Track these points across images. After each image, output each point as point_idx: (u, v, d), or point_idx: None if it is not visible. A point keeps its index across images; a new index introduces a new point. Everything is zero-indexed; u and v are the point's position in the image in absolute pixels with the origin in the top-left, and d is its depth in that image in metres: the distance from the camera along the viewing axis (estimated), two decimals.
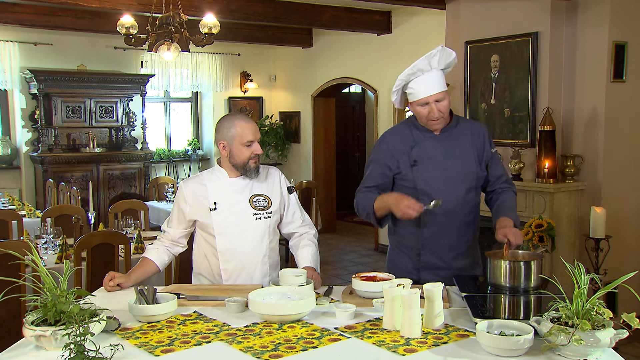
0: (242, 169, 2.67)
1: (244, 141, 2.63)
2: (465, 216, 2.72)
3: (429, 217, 2.70)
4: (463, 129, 2.76)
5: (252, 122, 2.69)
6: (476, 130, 2.77)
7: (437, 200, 2.56)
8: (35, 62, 8.20)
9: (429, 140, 2.72)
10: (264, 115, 10.19)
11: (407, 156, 2.72)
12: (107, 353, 1.71)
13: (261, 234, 2.71)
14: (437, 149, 2.70)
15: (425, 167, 2.69)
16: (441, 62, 2.66)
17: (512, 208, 2.72)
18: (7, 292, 2.03)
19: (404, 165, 2.72)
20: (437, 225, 2.70)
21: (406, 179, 2.73)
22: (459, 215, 2.70)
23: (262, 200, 2.72)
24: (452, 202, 2.67)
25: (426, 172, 2.69)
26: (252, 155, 2.65)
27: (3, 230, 4.89)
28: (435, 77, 2.63)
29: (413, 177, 2.70)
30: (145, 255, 2.75)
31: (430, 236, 2.72)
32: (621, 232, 4.83)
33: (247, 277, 2.71)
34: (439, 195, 2.64)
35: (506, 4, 5.28)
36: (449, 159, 2.69)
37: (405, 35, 7.54)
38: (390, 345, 1.91)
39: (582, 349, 1.72)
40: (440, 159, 2.69)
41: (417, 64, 2.63)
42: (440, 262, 2.72)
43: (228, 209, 2.67)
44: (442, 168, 2.69)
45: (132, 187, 8.67)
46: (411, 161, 2.70)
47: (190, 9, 5.97)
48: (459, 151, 2.71)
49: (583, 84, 4.90)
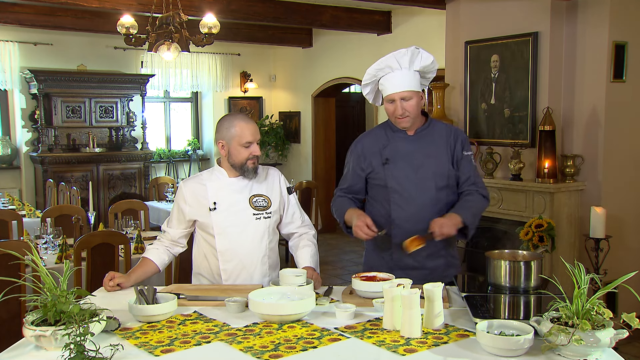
0: (240, 169, 2.67)
1: (243, 142, 2.63)
2: (437, 214, 2.69)
3: (398, 214, 2.71)
4: (438, 130, 2.78)
5: (252, 123, 2.69)
6: (451, 132, 2.79)
7: (383, 230, 2.63)
8: (35, 62, 8.20)
9: (401, 140, 2.75)
10: (264, 115, 10.19)
11: (379, 155, 2.76)
12: (107, 353, 1.71)
13: (261, 234, 2.71)
14: (409, 149, 2.73)
15: (397, 166, 2.72)
16: (414, 63, 2.66)
17: (467, 207, 2.69)
18: (7, 292, 2.03)
19: (376, 163, 2.76)
20: (408, 223, 2.71)
21: (378, 177, 2.77)
22: (429, 214, 2.68)
23: (262, 200, 2.72)
24: (424, 199, 2.69)
25: (397, 170, 2.71)
26: (251, 156, 2.65)
27: (3, 230, 4.89)
28: (405, 76, 2.65)
29: (384, 175, 2.74)
30: (145, 255, 2.75)
31: (400, 234, 2.71)
32: (621, 232, 4.83)
33: (246, 277, 2.71)
34: (410, 193, 2.69)
35: (506, 4, 5.28)
36: (421, 158, 2.71)
37: (405, 35, 7.54)
38: (390, 345, 1.91)
39: (582, 349, 1.72)
40: (412, 158, 2.72)
41: (384, 60, 2.66)
42: (413, 262, 2.72)
43: (228, 209, 2.68)
44: (413, 166, 2.71)
45: (132, 187, 8.68)
46: (383, 159, 2.74)
47: (190, 9, 5.98)
48: (433, 151, 2.73)
49: (583, 84, 4.89)
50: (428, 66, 2.69)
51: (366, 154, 2.79)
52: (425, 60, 2.67)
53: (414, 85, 2.66)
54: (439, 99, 5.76)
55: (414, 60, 2.66)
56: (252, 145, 2.65)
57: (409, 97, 2.65)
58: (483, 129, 5.48)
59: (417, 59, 2.66)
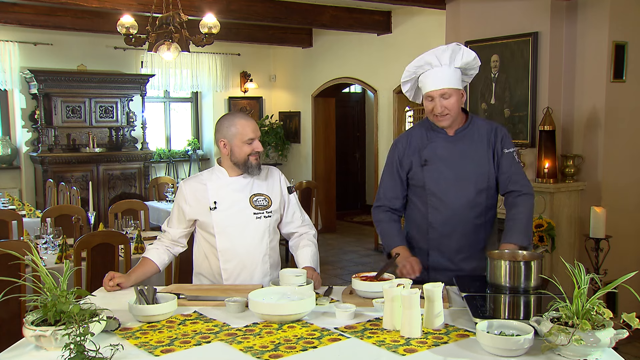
0: (244, 166, 2.67)
1: (245, 139, 2.64)
2: (476, 218, 2.69)
3: (435, 218, 2.69)
4: (478, 129, 2.72)
5: (252, 120, 2.70)
6: (492, 130, 2.73)
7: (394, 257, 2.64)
8: (35, 62, 8.20)
9: (441, 141, 2.71)
10: (264, 115, 10.19)
11: (418, 156, 2.72)
12: (107, 353, 1.71)
13: (261, 233, 2.71)
14: (448, 150, 2.69)
15: (436, 167, 2.68)
16: (455, 60, 2.63)
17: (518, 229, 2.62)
18: (7, 292, 2.03)
19: (415, 164, 2.73)
20: (444, 226, 2.70)
21: (416, 178, 2.73)
22: (467, 216, 2.68)
23: (262, 199, 2.72)
24: (461, 203, 2.66)
25: (436, 172, 2.68)
26: (253, 152, 2.66)
27: (3, 230, 4.89)
28: (445, 73, 2.61)
29: (423, 176, 2.71)
30: (145, 255, 2.75)
31: (437, 237, 2.72)
32: (621, 232, 4.82)
33: (247, 277, 2.71)
34: (447, 196, 2.66)
35: (506, 4, 5.28)
36: (461, 160, 2.67)
37: (405, 35, 7.54)
38: (390, 345, 1.91)
39: (582, 349, 1.72)
40: (452, 160, 2.67)
41: (425, 56, 2.64)
42: (449, 264, 2.71)
43: (228, 208, 2.68)
44: (453, 168, 2.67)
45: (132, 187, 8.67)
46: (422, 161, 2.71)
47: (190, 9, 5.98)
48: (473, 152, 2.68)
49: (583, 84, 4.90)
50: (470, 62, 2.66)
51: (407, 154, 2.76)
52: (467, 57, 2.65)
53: (454, 83, 2.62)
54: None
55: (455, 57, 2.63)
56: (255, 142, 2.66)
57: (448, 95, 2.61)
58: None
59: (458, 55, 2.63)
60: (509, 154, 2.72)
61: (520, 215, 2.65)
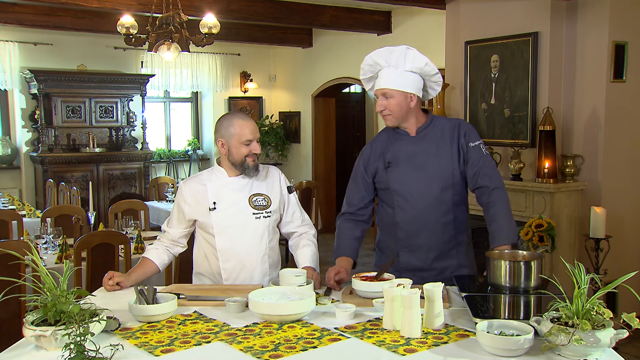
0: (241, 167, 2.68)
1: (243, 140, 2.64)
2: (442, 216, 2.68)
3: (402, 217, 2.70)
4: (441, 127, 2.72)
5: (251, 121, 2.70)
6: (455, 126, 2.71)
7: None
8: (35, 62, 8.20)
9: (403, 142, 2.71)
10: (264, 115, 10.18)
11: (382, 159, 2.73)
12: (107, 353, 1.71)
13: (260, 233, 2.71)
14: (411, 150, 2.69)
15: (399, 168, 2.69)
16: (405, 63, 2.61)
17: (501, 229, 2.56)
18: (7, 292, 2.03)
19: (380, 167, 2.74)
20: (411, 226, 2.70)
21: (382, 181, 2.74)
22: (433, 214, 2.67)
23: (262, 199, 2.72)
24: (426, 201, 2.66)
25: (399, 172, 2.68)
26: (250, 154, 2.66)
27: (3, 230, 4.89)
28: (392, 74, 2.62)
29: (387, 178, 2.71)
30: (145, 255, 2.75)
31: (405, 236, 2.71)
32: (621, 232, 4.82)
33: (247, 276, 2.71)
34: (412, 195, 2.66)
35: (506, 4, 5.28)
36: (423, 159, 2.67)
37: (405, 35, 7.54)
38: (390, 345, 1.91)
39: (582, 349, 1.72)
40: (414, 159, 2.68)
41: (373, 56, 2.67)
42: (420, 263, 2.70)
43: (227, 208, 2.68)
44: (416, 168, 2.67)
45: (132, 187, 8.67)
46: (385, 163, 2.72)
47: (190, 9, 5.97)
48: (435, 150, 2.68)
49: (583, 84, 4.89)
50: (424, 68, 2.63)
51: (372, 159, 2.77)
52: (417, 62, 2.62)
53: (397, 84, 2.61)
54: (439, 98, 5.76)
55: (405, 60, 2.61)
56: (253, 143, 2.66)
57: (389, 95, 2.62)
58: (483, 129, 5.48)
59: (408, 58, 2.61)
60: (474, 147, 2.67)
61: (500, 215, 2.60)
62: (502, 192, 2.65)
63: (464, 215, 2.78)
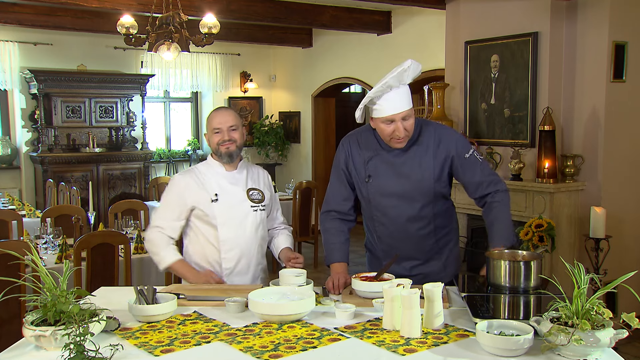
0: (217, 155, 2.81)
1: (212, 128, 2.79)
2: (422, 229, 2.64)
3: (381, 231, 2.70)
4: (426, 139, 2.58)
5: (225, 112, 2.84)
6: (443, 139, 2.58)
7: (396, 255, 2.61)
8: (35, 62, 8.20)
9: (387, 155, 2.60)
10: (264, 115, 10.18)
11: (363, 169, 2.65)
12: (107, 353, 1.71)
13: (257, 224, 2.85)
14: (393, 163, 2.59)
15: (379, 182, 2.61)
16: (410, 77, 2.48)
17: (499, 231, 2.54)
18: (7, 292, 2.03)
19: (360, 177, 2.67)
20: (391, 239, 2.69)
21: (360, 192, 2.71)
22: (413, 228, 2.63)
23: (257, 194, 2.87)
24: (405, 218, 2.62)
25: (379, 188, 2.62)
26: (222, 141, 2.77)
27: (3, 230, 4.89)
28: (403, 93, 2.47)
29: (367, 191, 2.66)
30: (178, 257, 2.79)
31: (386, 248, 2.73)
32: (621, 232, 4.82)
33: (245, 264, 2.83)
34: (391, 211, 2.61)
35: (506, 4, 5.28)
36: (405, 174, 2.58)
37: (405, 35, 7.54)
38: (390, 345, 1.91)
39: (582, 349, 1.72)
40: (396, 174, 2.59)
41: (388, 80, 2.43)
42: (403, 271, 2.68)
43: (229, 200, 2.79)
44: (397, 183, 2.59)
45: (132, 187, 8.67)
46: (366, 176, 2.65)
47: (190, 9, 5.97)
48: (417, 165, 2.57)
49: (583, 84, 4.89)
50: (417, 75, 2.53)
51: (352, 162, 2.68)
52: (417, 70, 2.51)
53: (411, 102, 2.49)
54: (439, 99, 5.76)
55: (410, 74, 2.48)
56: (222, 132, 2.77)
57: (409, 116, 2.48)
58: (483, 129, 5.48)
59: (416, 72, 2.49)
60: (470, 157, 2.58)
61: (502, 216, 2.57)
62: (506, 195, 2.62)
63: (446, 219, 2.71)
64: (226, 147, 2.78)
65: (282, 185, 9.13)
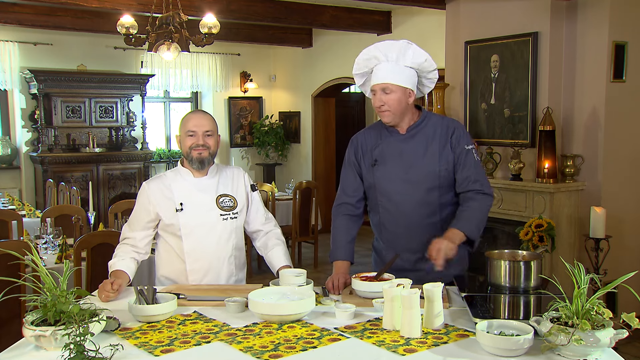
0: (187, 159, 2.68)
1: (185, 130, 2.66)
2: (427, 217, 2.63)
3: (386, 218, 2.67)
4: (432, 127, 2.64)
5: (202, 115, 2.72)
6: (446, 127, 2.64)
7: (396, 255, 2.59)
8: (35, 62, 8.20)
9: (392, 140, 2.66)
10: (263, 115, 10.18)
11: (370, 155, 2.70)
12: (107, 353, 1.71)
13: (227, 234, 2.71)
14: (398, 149, 2.64)
15: (384, 167, 2.65)
16: (405, 58, 2.57)
17: (467, 217, 2.54)
18: (7, 292, 2.03)
19: (367, 164, 2.70)
20: (396, 227, 2.67)
21: (366, 179, 2.71)
22: (418, 216, 2.62)
23: (228, 200, 2.72)
24: (411, 202, 2.62)
25: (385, 172, 2.64)
26: (194, 146, 2.64)
27: (3, 230, 4.89)
28: (392, 68, 2.57)
29: (373, 176, 2.68)
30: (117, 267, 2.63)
31: (390, 237, 2.70)
32: (621, 232, 4.83)
33: (213, 277, 2.71)
34: (397, 196, 2.62)
35: (506, 4, 5.28)
36: (412, 158, 2.62)
37: (405, 35, 7.53)
38: (390, 345, 1.91)
39: (582, 349, 1.72)
40: (402, 158, 2.63)
41: (372, 50, 2.63)
42: (406, 264, 2.65)
43: (195, 209, 2.66)
44: (402, 168, 2.62)
45: (132, 187, 8.67)
46: (372, 161, 2.68)
47: (190, 9, 5.98)
48: (423, 150, 2.61)
49: (583, 84, 4.89)
50: (423, 64, 2.60)
51: (361, 152, 2.74)
52: (417, 57, 2.59)
53: (398, 79, 2.55)
54: (439, 99, 5.77)
55: (405, 55, 2.58)
56: (197, 136, 2.64)
57: (389, 90, 2.55)
58: (483, 129, 5.48)
59: (408, 53, 2.58)
60: (468, 151, 2.61)
61: (473, 212, 2.56)
62: (489, 199, 2.62)
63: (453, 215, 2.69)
64: (198, 153, 2.64)
65: (282, 185, 9.13)
